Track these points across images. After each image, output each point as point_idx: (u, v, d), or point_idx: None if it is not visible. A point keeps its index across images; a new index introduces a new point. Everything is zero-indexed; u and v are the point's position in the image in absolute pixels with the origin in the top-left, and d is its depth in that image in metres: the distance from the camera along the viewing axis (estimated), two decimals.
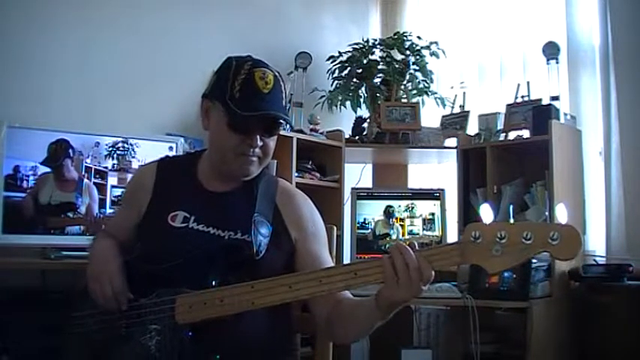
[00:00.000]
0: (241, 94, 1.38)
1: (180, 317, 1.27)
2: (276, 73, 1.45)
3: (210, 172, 1.52)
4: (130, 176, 2.43)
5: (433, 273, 1.17)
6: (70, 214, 2.34)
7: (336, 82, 3.42)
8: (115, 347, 1.33)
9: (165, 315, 1.29)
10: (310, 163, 3.10)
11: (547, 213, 2.71)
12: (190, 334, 1.27)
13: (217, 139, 1.45)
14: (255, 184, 1.49)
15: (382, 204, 3.09)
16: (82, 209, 2.36)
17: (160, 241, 1.44)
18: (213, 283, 1.30)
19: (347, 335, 1.44)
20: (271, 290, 1.23)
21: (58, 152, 2.31)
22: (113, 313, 1.35)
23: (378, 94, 3.40)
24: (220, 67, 1.47)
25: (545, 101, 2.88)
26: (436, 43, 3.43)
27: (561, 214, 1.13)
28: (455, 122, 3.24)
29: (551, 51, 2.93)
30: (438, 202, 3.08)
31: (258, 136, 1.42)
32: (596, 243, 2.93)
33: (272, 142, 1.47)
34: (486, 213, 1.18)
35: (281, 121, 1.43)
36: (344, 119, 3.44)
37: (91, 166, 2.38)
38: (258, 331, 1.36)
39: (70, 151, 2.33)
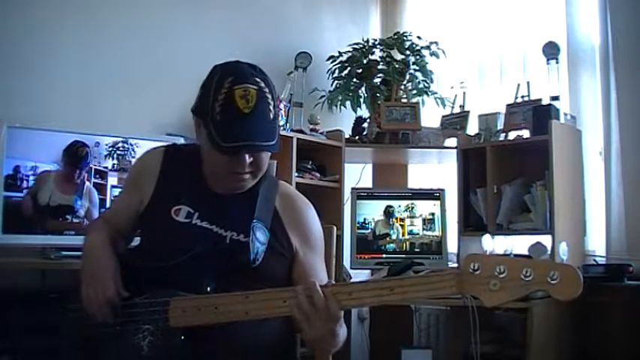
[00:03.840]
0: (221, 117, 1.32)
1: (173, 321, 1.26)
2: (261, 85, 1.35)
3: (211, 174, 1.49)
4: None
5: (342, 313, 1.20)
6: (69, 217, 2.33)
7: (336, 82, 3.42)
8: (107, 344, 1.32)
9: (158, 317, 1.28)
10: (310, 163, 3.10)
11: (547, 209, 2.71)
12: (183, 337, 1.26)
13: (208, 156, 1.42)
14: (256, 188, 1.47)
15: (382, 204, 3.10)
16: (81, 212, 2.35)
17: (163, 234, 1.42)
18: (209, 288, 1.29)
19: None
20: (265, 303, 1.22)
21: (79, 156, 2.31)
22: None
23: (378, 94, 3.40)
24: (205, 80, 1.42)
25: (545, 101, 2.88)
26: (436, 43, 3.43)
27: (563, 253, 1.13)
28: (455, 122, 3.24)
29: (551, 51, 2.93)
30: (438, 202, 3.08)
31: (246, 156, 1.36)
32: (596, 243, 2.93)
33: (264, 155, 1.41)
34: (487, 243, 1.17)
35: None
36: (344, 119, 3.44)
37: (91, 166, 2.38)
38: (254, 336, 1.33)
39: (89, 159, 2.34)
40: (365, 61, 3.42)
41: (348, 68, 3.42)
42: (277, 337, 1.40)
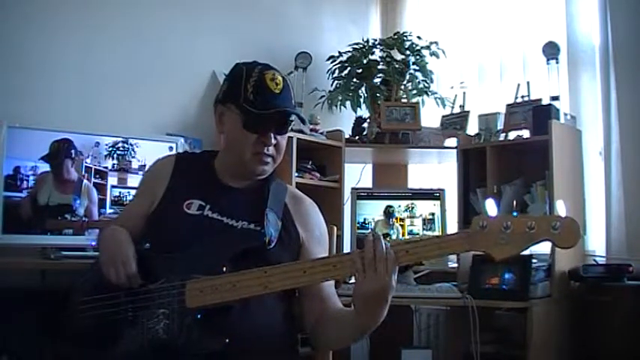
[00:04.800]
0: (255, 96, 1.46)
1: (190, 301, 1.30)
2: (284, 76, 1.53)
3: (225, 170, 1.58)
4: (130, 176, 2.44)
5: (397, 268, 1.25)
6: (68, 216, 2.34)
7: (336, 82, 3.42)
8: (121, 331, 1.34)
9: (174, 299, 1.31)
10: (310, 163, 3.10)
11: (547, 208, 2.71)
12: (199, 316, 1.30)
13: (233, 140, 1.52)
14: (266, 184, 1.57)
15: (382, 204, 3.09)
16: (80, 211, 2.36)
17: (174, 226, 1.47)
18: (224, 269, 1.34)
19: (329, 339, 1.48)
20: (285, 275, 1.28)
21: (60, 151, 2.31)
22: (119, 298, 1.36)
23: (378, 94, 3.39)
24: (230, 73, 1.56)
25: (545, 101, 2.88)
26: (436, 43, 3.43)
27: (561, 208, 1.21)
28: (455, 122, 3.24)
29: (551, 51, 2.92)
30: (438, 202, 3.07)
31: (272, 134, 1.49)
32: (596, 243, 2.93)
33: (284, 141, 1.55)
34: (491, 207, 1.26)
35: (293, 117, 1.52)
36: (344, 119, 3.44)
37: (91, 166, 2.38)
38: (266, 319, 1.40)
39: (72, 151, 2.33)
40: (365, 61, 3.41)
41: (348, 68, 3.42)
42: (285, 324, 1.47)
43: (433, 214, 3.07)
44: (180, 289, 1.31)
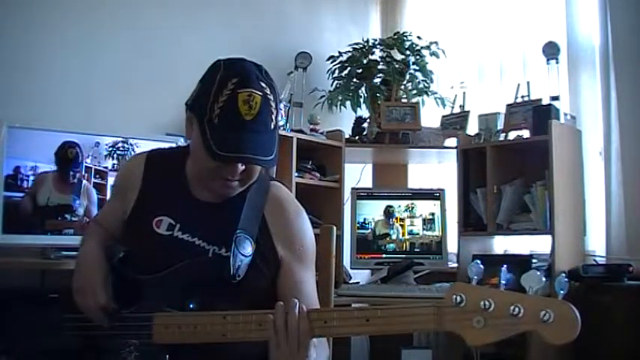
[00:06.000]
0: (220, 122, 1.25)
1: (156, 337, 1.23)
2: (266, 92, 1.29)
3: (196, 179, 1.42)
4: None
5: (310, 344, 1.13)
6: (68, 217, 2.34)
7: (336, 82, 3.42)
8: (96, 356, 1.31)
9: (143, 332, 1.25)
10: (310, 163, 3.09)
11: (548, 207, 2.70)
12: (167, 356, 1.23)
13: (196, 156, 1.35)
14: (244, 193, 1.39)
15: (382, 204, 3.10)
16: (80, 211, 2.36)
17: (144, 247, 1.38)
18: (191, 305, 1.26)
19: None
20: (242, 326, 1.17)
21: (75, 158, 2.31)
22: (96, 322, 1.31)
23: (378, 94, 3.40)
24: (206, 73, 1.35)
25: (545, 101, 2.88)
26: (436, 43, 3.43)
27: (561, 285, 1.04)
28: (455, 122, 3.24)
29: (551, 51, 2.93)
30: (438, 202, 3.08)
31: (239, 164, 1.30)
32: (596, 243, 2.93)
33: (256, 166, 1.34)
34: (475, 271, 1.07)
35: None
36: (344, 119, 3.44)
37: (91, 166, 2.38)
38: (245, 348, 1.25)
39: (80, 158, 2.34)
40: (365, 61, 3.42)
41: (348, 68, 3.42)
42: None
43: (433, 214, 3.07)
44: (148, 322, 1.24)
